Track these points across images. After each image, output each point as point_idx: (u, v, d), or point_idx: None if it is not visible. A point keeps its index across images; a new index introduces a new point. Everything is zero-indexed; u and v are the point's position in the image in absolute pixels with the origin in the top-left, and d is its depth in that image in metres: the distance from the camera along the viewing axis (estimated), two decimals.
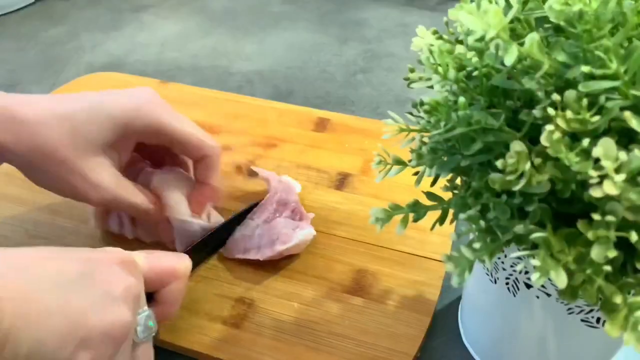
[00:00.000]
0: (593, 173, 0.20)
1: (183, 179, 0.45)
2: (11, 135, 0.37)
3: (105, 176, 0.39)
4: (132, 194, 0.41)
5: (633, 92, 0.21)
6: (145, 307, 0.32)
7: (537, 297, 0.30)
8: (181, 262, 0.36)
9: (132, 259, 0.32)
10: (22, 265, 0.27)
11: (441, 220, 0.30)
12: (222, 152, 0.56)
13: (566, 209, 0.24)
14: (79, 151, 0.38)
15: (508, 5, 0.25)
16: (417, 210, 0.30)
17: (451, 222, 0.29)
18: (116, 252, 0.32)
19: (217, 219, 0.46)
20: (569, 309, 0.29)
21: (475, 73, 0.26)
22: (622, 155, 0.20)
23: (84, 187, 0.39)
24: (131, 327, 0.30)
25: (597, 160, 0.20)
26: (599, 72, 0.21)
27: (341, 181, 0.52)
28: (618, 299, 0.22)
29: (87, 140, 0.38)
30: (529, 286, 0.30)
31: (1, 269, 0.26)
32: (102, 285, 0.29)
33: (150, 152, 0.47)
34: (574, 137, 0.22)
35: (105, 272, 0.30)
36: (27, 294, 0.26)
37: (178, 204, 0.43)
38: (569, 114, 0.21)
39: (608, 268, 0.21)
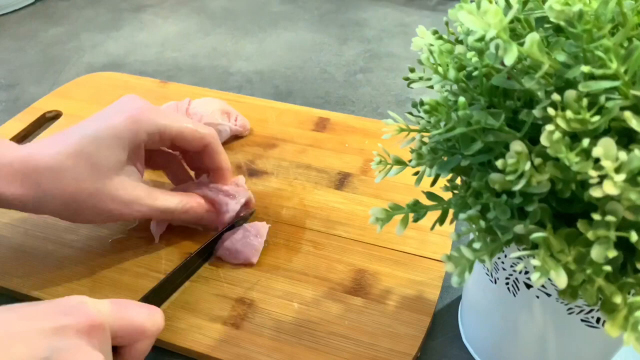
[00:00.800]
0: (593, 173, 0.20)
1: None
2: (40, 182, 0.38)
3: (132, 191, 0.41)
4: (164, 200, 0.43)
5: (633, 92, 0.21)
6: None
7: (537, 297, 0.30)
8: (152, 320, 0.34)
9: (100, 323, 0.30)
10: None
11: (441, 220, 0.30)
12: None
13: (566, 209, 0.24)
14: (101, 179, 0.39)
15: (508, 5, 0.25)
16: (417, 210, 0.30)
17: (451, 222, 0.29)
18: (84, 315, 0.30)
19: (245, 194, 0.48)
20: (569, 309, 0.29)
21: (475, 73, 0.26)
22: (622, 155, 0.20)
23: (118, 208, 0.40)
24: None
25: (597, 160, 0.20)
26: (599, 72, 0.21)
27: (341, 181, 0.52)
28: (618, 299, 0.22)
29: (104, 167, 0.39)
30: (529, 286, 0.30)
31: None
32: None
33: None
34: (574, 137, 0.22)
35: (72, 352, 0.28)
36: None
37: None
38: (569, 114, 0.21)
39: (608, 268, 0.21)
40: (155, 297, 0.40)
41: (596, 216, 0.21)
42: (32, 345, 0.27)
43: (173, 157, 0.49)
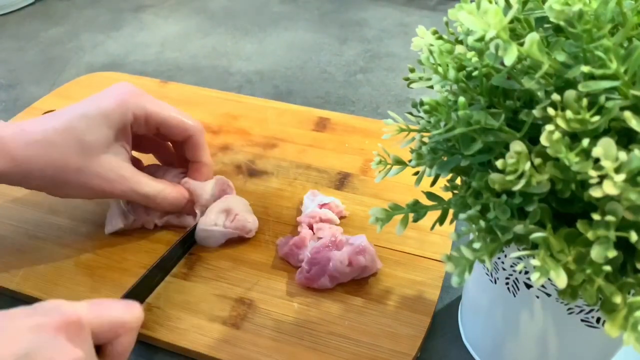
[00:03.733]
0: (593, 173, 0.20)
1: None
2: (30, 156, 0.40)
3: (118, 170, 0.42)
4: (147, 185, 0.44)
5: (633, 92, 0.21)
6: None
7: (537, 297, 0.30)
8: (131, 313, 0.34)
9: (77, 320, 0.30)
10: None
11: (441, 220, 0.30)
12: (221, 151, 0.57)
13: (566, 209, 0.24)
14: (89, 156, 0.41)
15: (508, 5, 0.25)
16: (417, 210, 0.30)
17: (451, 222, 0.29)
18: (60, 314, 0.29)
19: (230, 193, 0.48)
20: (569, 309, 0.29)
21: (475, 73, 0.26)
22: (622, 155, 0.20)
23: (101, 185, 0.42)
24: None
25: (597, 160, 0.20)
26: (599, 72, 0.21)
27: (341, 181, 0.52)
28: (618, 299, 0.22)
29: (92, 144, 0.41)
30: (529, 286, 0.30)
31: None
32: None
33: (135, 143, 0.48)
34: (574, 137, 0.22)
35: (50, 348, 0.28)
36: None
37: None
38: (569, 114, 0.21)
39: (608, 268, 0.21)
40: (138, 292, 0.40)
41: (596, 216, 0.21)
42: (10, 342, 0.27)
43: (162, 143, 0.50)
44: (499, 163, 0.23)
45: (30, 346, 0.27)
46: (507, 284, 0.31)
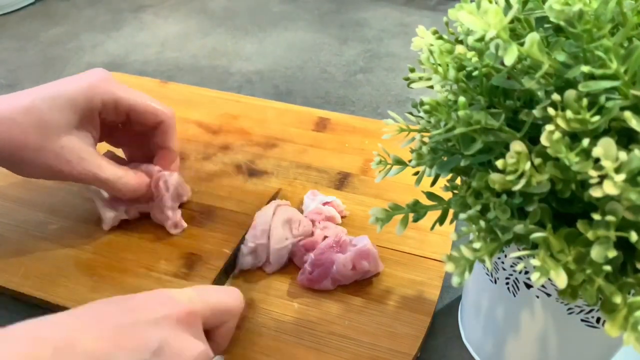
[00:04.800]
0: (593, 173, 0.20)
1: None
2: None
3: (78, 153, 0.42)
4: (104, 169, 0.44)
5: (633, 92, 0.21)
6: (216, 358, 0.33)
7: (537, 297, 0.30)
8: (234, 298, 0.36)
9: (193, 310, 0.31)
10: (100, 353, 0.27)
11: (441, 220, 0.30)
12: (221, 151, 0.57)
13: (566, 209, 0.24)
14: (48, 136, 0.41)
15: (508, 5, 0.25)
16: (417, 210, 0.30)
17: (451, 222, 0.29)
18: (177, 304, 0.31)
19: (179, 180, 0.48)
20: (569, 309, 0.29)
21: (475, 73, 0.26)
22: (622, 155, 0.20)
23: (61, 166, 0.42)
24: None
25: (597, 160, 0.20)
26: (599, 72, 0.21)
27: (341, 181, 0.52)
28: (618, 299, 0.22)
29: (53, 125, 0.41)
30: (529, 286, 0.30)
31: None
32: None
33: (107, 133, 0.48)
34: (574, 137, 0.22)
35: (177, 342, 0.29)
36: None
37: None
38: (569, 114, 0.21)
39: (608, 268, 0.21)
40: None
41: (596, 216, 0.21)
42: (143, 336, 0.29)
43: (133, 138, 0.50)
44: (499, 163, 0.23)
45: (161, 341, 0.29)
46: (507, 284, 0.31)
